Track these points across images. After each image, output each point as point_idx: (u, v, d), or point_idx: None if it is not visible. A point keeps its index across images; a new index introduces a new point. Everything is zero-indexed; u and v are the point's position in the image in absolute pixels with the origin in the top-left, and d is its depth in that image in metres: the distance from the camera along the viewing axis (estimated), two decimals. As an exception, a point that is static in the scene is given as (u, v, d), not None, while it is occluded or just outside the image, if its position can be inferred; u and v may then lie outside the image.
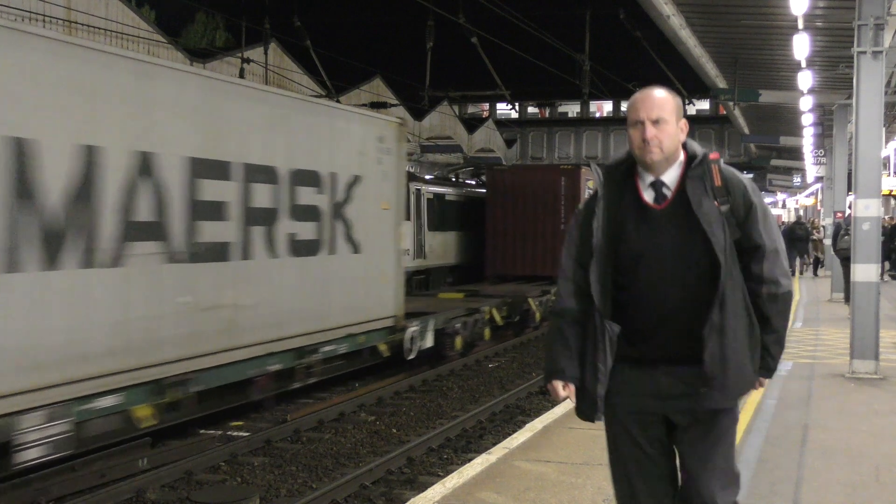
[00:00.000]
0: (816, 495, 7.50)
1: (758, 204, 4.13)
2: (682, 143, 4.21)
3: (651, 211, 4.13)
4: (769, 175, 63.74)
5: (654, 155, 4.09)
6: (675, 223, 4.08)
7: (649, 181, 4.17)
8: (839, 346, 15.24)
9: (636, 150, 4.12)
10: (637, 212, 4.14)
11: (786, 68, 24.72)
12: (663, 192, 4.14)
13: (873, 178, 12.96)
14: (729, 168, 4.19)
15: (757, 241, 4.11)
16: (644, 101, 4.13)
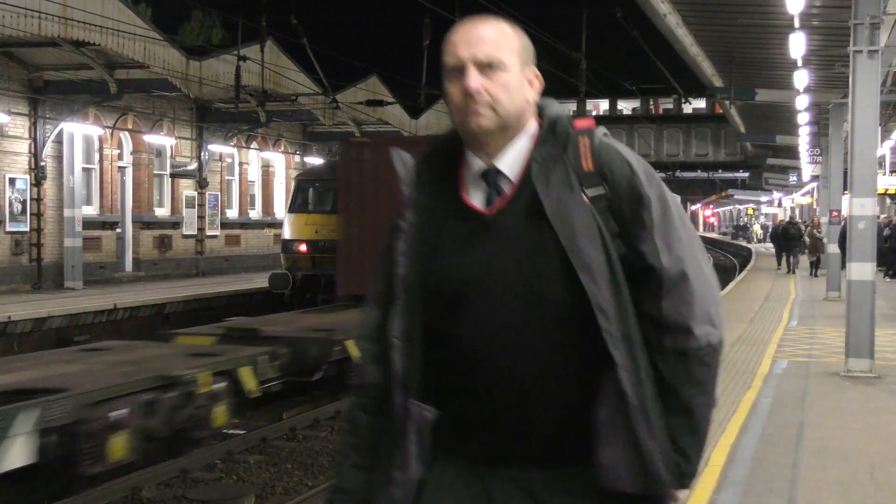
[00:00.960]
0: (811, 494, 7.50)
1: (653, 198, 2.46)
2: (533, 107, 2.54)
3: (480, 219, 2.45)
4: (765, 174, 63.86)
5: (482, 120, 2.42)
6: (517, 237, 2.41)
7: (478, 169, 2.49)
8: (835, 345, 15.25)
9: (456, 116, 2.48)
10: (459, 222, 2.47)
11: (782, 67, 24.75)
12: (499, 187, 2.47)
13: (869, 177, 12.98)
14: (609, 143, 2.53)
15: (649, 260, 2.42)
16: (466, 35, 2.46)
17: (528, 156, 2.47)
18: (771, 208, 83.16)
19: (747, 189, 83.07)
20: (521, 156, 2.48)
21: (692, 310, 2.47)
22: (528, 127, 2.51)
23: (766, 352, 15.10)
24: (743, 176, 79.31)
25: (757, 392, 11.68)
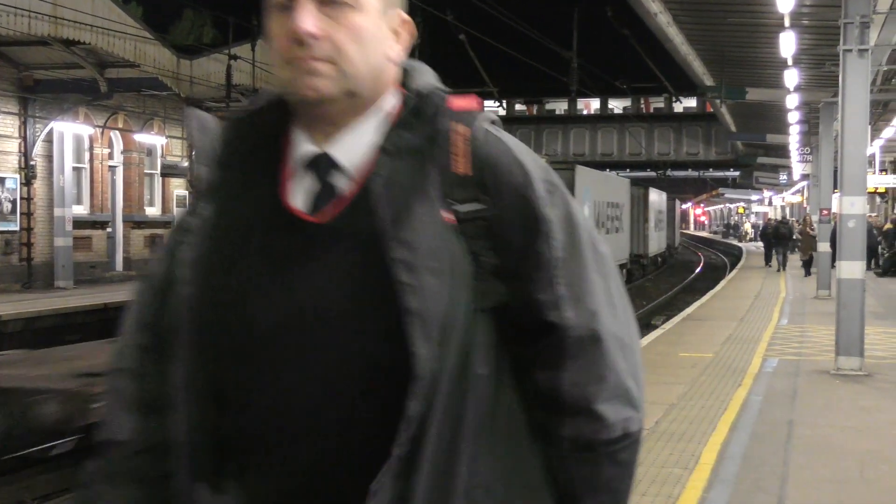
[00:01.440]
0: (802, 492, 7.53)
1: (555, 221, 1.66)
2: (397, 71, 1.72)
3: (302, 230, 1.64)
4: (756, 173, 63.94)
5: (319, 82, 1.60)
6: (349, 263, 1.61)
7: (305, 156, 1.68)
8: (825, 343, 15.29)
9: (281, 74, 1.64)
10: (273, 230, 1.65)
11: (772, 66, 24.81)
12: (332, 185, 1.66)
13: (859, 176, 13.02)
14: (497, 136, 1.72)
15: (546, 313, 1.65)
16: None
17: (379, 143, 1.65)
18: (761, 207, 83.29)
19: (738, 188, 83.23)
20: (368, 141, 1.65)
21: (604, 386, 1.67)
22: (385, 99, 1.69)
23: (756, 350, 15.14)
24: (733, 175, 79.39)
25: (747, 390, 11.72)
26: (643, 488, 7.58)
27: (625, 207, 35.61)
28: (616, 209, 33.60)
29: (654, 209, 45.84)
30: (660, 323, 22.40)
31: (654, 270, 45.84)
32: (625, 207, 35.61)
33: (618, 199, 34.27)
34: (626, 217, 36.00)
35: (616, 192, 34.22)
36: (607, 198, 31.82)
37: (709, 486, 7.64)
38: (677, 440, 9.16)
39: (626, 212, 36.03)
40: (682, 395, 11.43)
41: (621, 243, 34.60)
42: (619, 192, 35.04)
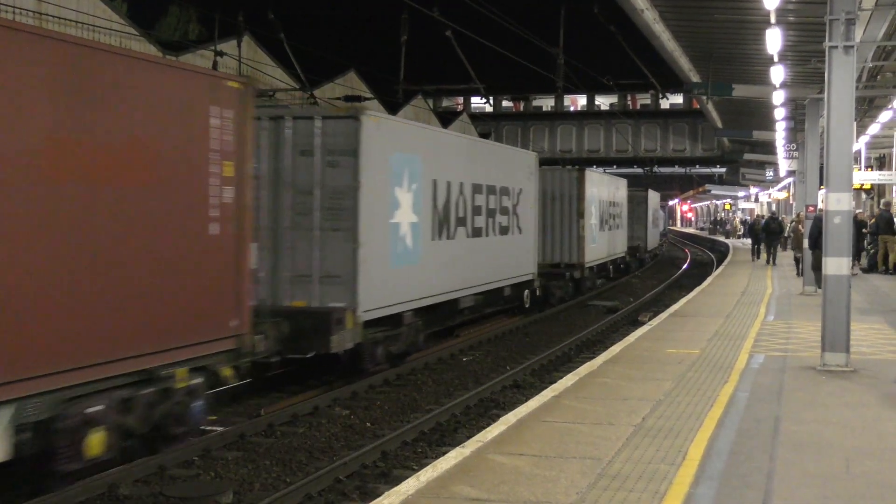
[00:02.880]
0: (788, 487, 7.55)
1: None
2: None
3: None
4: (742, 169, 64.12)
5: None
6: None
7: None
8: (811, 339, 15.34)
9: None
10: None
11: (758, 63, 24.87)
12: None
13: (845, 172, 13.05)
14: None
15: None
16: None
17: None
18: (748, 203, 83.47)
19: (724, 184, 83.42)
20: None
21: None
22: None
23: (743, 346, 15.18)
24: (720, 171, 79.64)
25: (734, 386, 11.74)
26: (630, 484, 7.60)
27: (623, 206, 38.08)
28: (616, 207, 35.68)
29: (653, 207, 48.91)
30: (647, 319, 22.44)
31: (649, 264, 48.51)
32: (623, 206, 38.08)
33: (618, 199, 36.35)
34: (624, 214, 38.60)
35: (617, 191, 36.21)
36: (610, 197, 34.02)
37: (696, 481, 7.66)
38: (664, 436, 9.18)
39: (624, 210, 38.60)
40: (668, 391, 11.45)
41: (620, 238, 37.11)
42: (619, 191, 37.16)
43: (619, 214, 36.71)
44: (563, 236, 28.16)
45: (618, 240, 36.42)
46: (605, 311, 27.46)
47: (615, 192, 35.63)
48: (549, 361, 18.21)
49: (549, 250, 27.78)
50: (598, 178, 33.03)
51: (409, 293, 16.35)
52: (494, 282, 21.38)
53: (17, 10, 20.52)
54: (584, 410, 10.44)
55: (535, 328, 23.40)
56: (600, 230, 31.57)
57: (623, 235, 38.14)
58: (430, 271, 17.32)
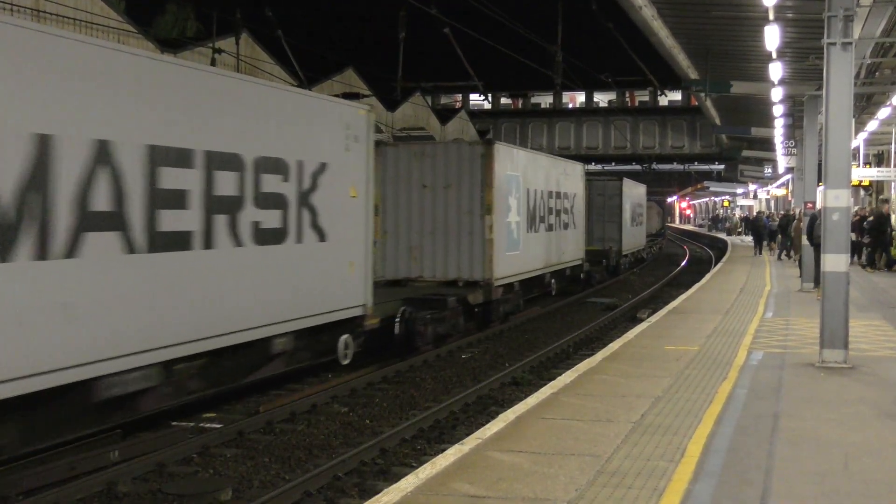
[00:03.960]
0: (786, 484, 7.55)
1: None
2: None
3: None
4: (740, 166, 64.12)
5: None
6: None
7: None
8: (809, 336, 15.35)
9: None
10: None
11: (757, 59, 24.85)
12: None
13: (843, 169, 13.05)
14: None
15: None
16: None
17: None
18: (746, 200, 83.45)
19: (723, 181, 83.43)
20: None
21: None
22: None
23: (741, 343, 15.18)
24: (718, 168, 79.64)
25: (732, 383, 11.75)
26: (629, 481, 7.60)
27: (577, 198, 30.14)
28: (563, 200, 27.87)
29: (632, 202, 41.29)
30: (645, 316, 22.45)
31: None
32: (577, 198, 30.14)
33: (567, 188, 28.41)
34: (579, 209, 30.46)
35: (564, 178, 28.12)
36: (550, 185, 26.16)
37: (694, 478, 7.66)
38: (663, 433, 9.18)
39: (579, 203, 30.52)
40: (667, 388, 11.45)
41: (570, 241, 28.85)
42: (570, 179, 29.10)
43: (570, 209, 28.82)
44: (461, 242, 20.60)
45: (566, 243, 28.24)
46: (603, 308, 27.45)
47: (561, 180, 27.64)
48: (547, 358, 18.21)
49: (437, 263, 20.73)
50: (525, 157, 24.12)
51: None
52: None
53: (15, 8, 20.49)
54: (582, 407, 10.45)
55: (533, 325, 23.39)
56: (529, 231, 23.70)
57: (575, 237, 29.68)
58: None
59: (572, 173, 29.54)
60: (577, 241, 29.73)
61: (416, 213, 20.85)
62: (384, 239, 20.68)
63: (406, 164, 20.95)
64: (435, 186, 20.79)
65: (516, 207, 22.50)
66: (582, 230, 30.69)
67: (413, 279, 20.80)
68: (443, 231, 20.72)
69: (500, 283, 21.36)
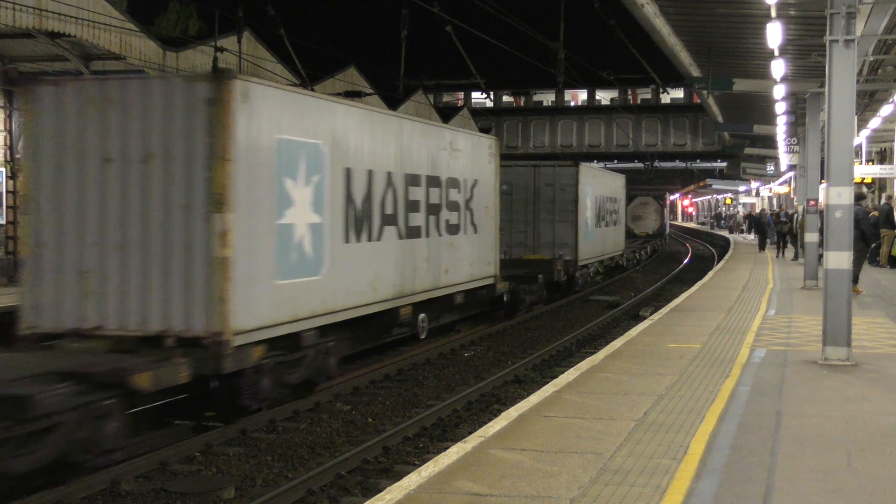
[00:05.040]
0: (789, 481, 7.55)
1: None
2: None
3: None
4: (743, 163, 64.04)
5: None
6: None
7: None
8: (812, 334, 15.34)
9: None
10: None
11: (759, 57, 24.82)
12: None
13: (845, 166, 13.04)
14: None
15: None
16: None
17: None
18: (749, 198, 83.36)
19: (725, 179, 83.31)
20: None
21: None
22: None
23: (744, 341, 15.18)
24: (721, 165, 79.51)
25: (735, 381, 11.74)
26: (632, 479, 7.60)
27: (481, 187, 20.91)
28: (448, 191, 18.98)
29: (598, 194, 32.06)
30: (647, 314, 22.44)
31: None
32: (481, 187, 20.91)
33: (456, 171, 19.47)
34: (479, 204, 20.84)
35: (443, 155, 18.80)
36: (402, 166, 16.79)
37: (697, 476, 7.66)
38: (665, 431, 9.18)
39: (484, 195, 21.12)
40: (670, 385, 11.45)
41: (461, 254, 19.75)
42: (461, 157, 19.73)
43: (463, 204, 19.86)
44: (170, 263, 11.69)
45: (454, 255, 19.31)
46: (605, 306, 27.44)
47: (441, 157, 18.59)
48: (550, 356, 18.21)
49: (129, 304, 11.73)
50: (328, 109, 14.28)
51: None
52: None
53: (16, 7, 20.49)
54: (585, 405, 10.45)
55: (535, 323, 23.39)
56: (351, 239, 14.72)
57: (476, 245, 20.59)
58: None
59: (469, 147, 20.00)
60: (479, 251, 20.50)
61: (94, 211, 11.85)
62: (37, 257, 11.99)
63: (78, 119, 11.97)
64: (126, 159, 11.79)
65: (311, 199, 13.33)
66: (491, 235, 21.20)
67: (86, 332, 11.73)
68: (139, 243, 11.70)
69: (257, 340, 12.00)
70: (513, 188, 27.51)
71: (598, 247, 32.20)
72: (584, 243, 29.32)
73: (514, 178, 27.77)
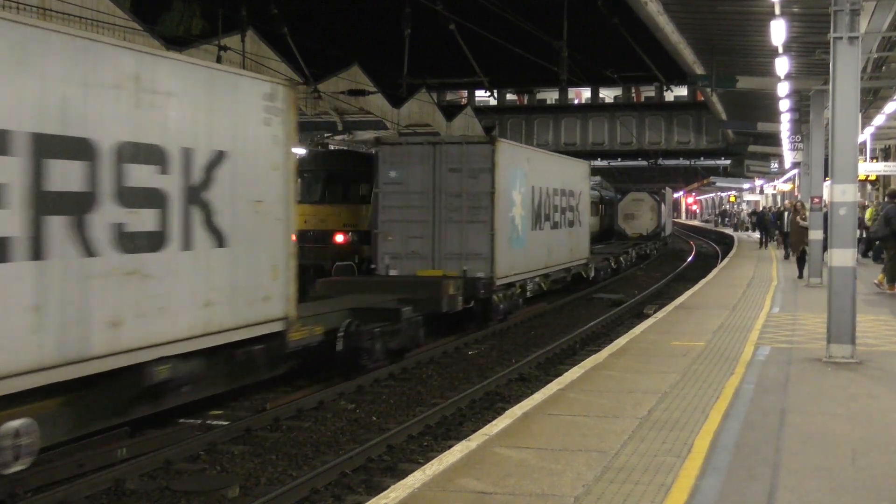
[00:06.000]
0: (794, 479, 7.54)
1: None
2: None
3: None
4: (747, 161, 63.99)
5: None
6: None
7: None
8: (816, 331, 15.32)
9: None
10: None
11: (763, 54, 24.81)
12: None
13: (850, 164, 13.02)
14: None
15: None
16: None
17: None
18: (752, 195, 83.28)
19: (729, 176, 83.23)
20: None
21: None
22: None
23: (748, 338, 15.17)
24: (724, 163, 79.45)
25: (740, 378, 11.73)
26: (636, 477, 7.59)
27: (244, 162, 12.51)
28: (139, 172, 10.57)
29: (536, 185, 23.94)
30: (652, 312, 22.43)
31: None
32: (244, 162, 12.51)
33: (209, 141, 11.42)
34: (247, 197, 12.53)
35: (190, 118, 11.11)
36: None
37: (701, 474, 7.65)
38: (670, 429, 9.17)
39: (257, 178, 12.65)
40: (674, 383, 11.45)
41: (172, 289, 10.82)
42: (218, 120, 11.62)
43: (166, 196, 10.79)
44: None
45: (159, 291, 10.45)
46: (609, 303, 27.43)
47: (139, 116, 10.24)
48: (554, 354, 18.21)
49: None
50: None
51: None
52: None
53: (19, 6, 20.50)
54: (589, 403, 10.44)
55: (539, 321, 23.38)
56: None
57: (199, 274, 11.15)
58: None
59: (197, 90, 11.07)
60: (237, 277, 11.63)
61: None
62: None
63: None
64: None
65: None
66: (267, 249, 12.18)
67: None
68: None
69: None
70: (405, 175, 20.53)
71: (535, 257, 23.75)
72: (509, 253, 21.34)
73: (405, 159, 20.60)
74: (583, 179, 30.24)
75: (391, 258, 20.49)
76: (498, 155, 20.40)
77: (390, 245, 20.52)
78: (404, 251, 20.49)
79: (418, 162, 20.49)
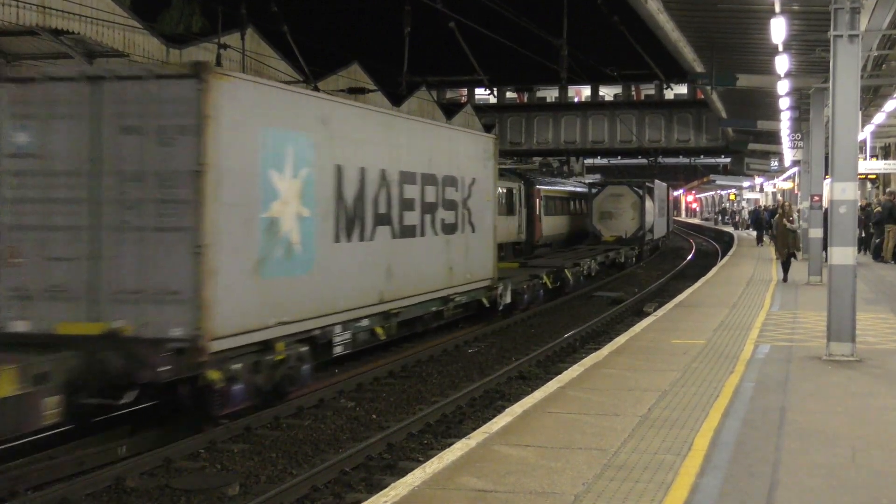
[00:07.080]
0: (794, 477, 7.55)
1: None
2: None
3: None
4: (747, 159, 63.98)
5: None
6: None
7: None
8: (816, 329, 15.33)
9: None
10: None
11: (763, 52, 24.79)
12: None
13: (850, 162, 13.02)
14: None
15: None
16: None
17: None
18: (752, 193, 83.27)
19: (729, 174, 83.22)
20: None
21: None
22: None
23: (748, 337, 15.17)
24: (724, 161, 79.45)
25: (740, 377, 11.74)
26: (636, 475, 7.60)
27: None
28: None
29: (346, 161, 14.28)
30: (652, 310, 22.43)
31: None
32: None
33: None
34: None
35: None
36: None
37: (701, 472, 7.66)
38: (670, 427, 9.17)
39: None
40: (674, 381, 11.45)
41: None
42: None
43: None
44: None
45: None
46: (609, 302, 27.43)
47: None
48: (554, 352, 18.20)
49: None
50: None
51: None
52: None
53: (20, 4, 20.51)
54: (589, 401, 10.45)
55: (539, 319, 23.39)
56: None
57: None
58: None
59: None
60: None
61: None
62: None
63: None
64: None
65: None
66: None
67: None
68: None
69: None
70: (42, 140, 11.23)
71: (350, 286, 14.37)
72: (255, 286, 11.80)
73: (42, 110, 11.20)
74: (480, 158, 20.43)
75: (18, 299, 11.11)
76: (215, 99, 10.79)
77: (15, 274, 11.13)
78: (40, 285, 11.06)
79: (66, 116, 11.15)
